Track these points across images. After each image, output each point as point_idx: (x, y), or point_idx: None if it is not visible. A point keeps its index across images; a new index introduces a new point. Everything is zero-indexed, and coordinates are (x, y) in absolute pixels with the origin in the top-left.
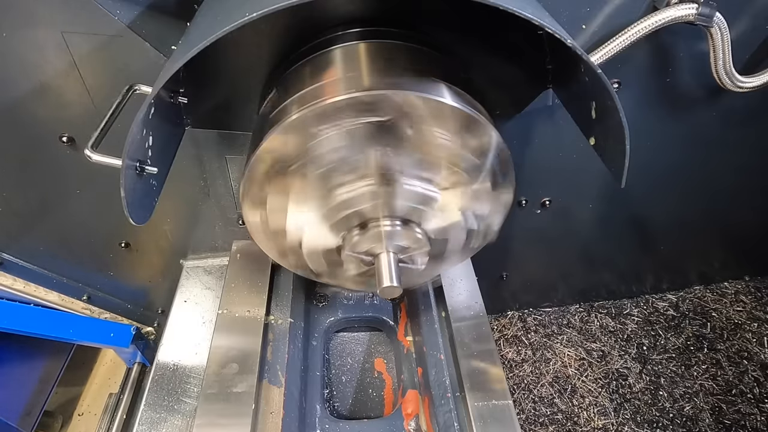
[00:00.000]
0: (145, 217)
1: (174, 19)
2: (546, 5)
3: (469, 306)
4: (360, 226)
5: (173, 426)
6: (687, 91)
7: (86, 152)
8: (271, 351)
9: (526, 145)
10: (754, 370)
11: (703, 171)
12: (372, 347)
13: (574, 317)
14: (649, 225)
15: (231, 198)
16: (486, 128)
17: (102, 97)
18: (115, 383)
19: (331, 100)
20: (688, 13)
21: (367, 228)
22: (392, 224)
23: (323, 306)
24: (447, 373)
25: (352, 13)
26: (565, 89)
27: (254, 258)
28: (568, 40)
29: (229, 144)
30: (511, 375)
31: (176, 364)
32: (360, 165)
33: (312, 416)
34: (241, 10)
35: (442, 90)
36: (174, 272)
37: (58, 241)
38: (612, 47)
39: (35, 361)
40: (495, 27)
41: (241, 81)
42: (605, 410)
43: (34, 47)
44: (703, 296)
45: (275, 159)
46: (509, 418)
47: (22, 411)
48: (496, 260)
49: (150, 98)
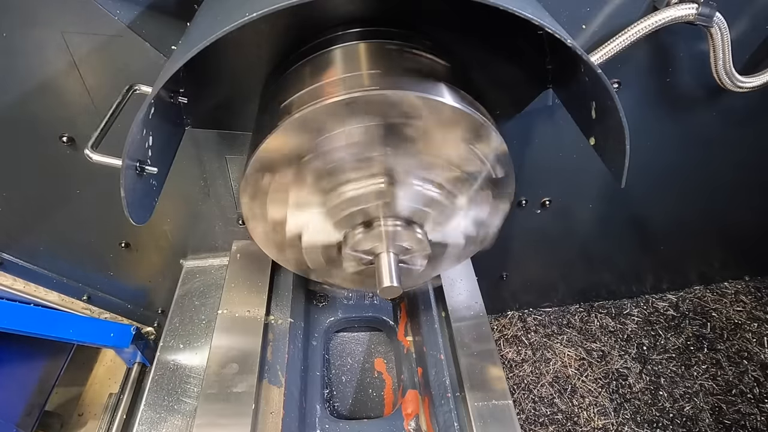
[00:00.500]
0: (145, 217)
1: (174, 19)
2: (546, 5)
3: (469, 306)
4: (363, 225)
5: (173, 426)
6: (687, 91)
7: (86, 152)
8: (271, 351)
9: (526, 145)
10: (754, 370)
11: (703, 171)
12: (372, 347)
13: (574, 317)
14: (649, 225)
15: (231, 198)
16: (486, 128)
17: (102, 97)
18: (115, 383)
19: (330, 101)
20: (688, 13)
21: (371, 227)
22: (394, 224)
23: (323, 306)
24: (447, 373)
25: (352, 13)
26: (565, 89)
27: (254, 258)
28: (568, 40)
29: (229, 144)
30: (511, 375)
31: (176, 364)
32: (360, 165)
33: (312, 416)
34: (241, 10)
35: (442, 90)
36: (174, 272)
37: (58, 241)
38: (612, 47)
39: (35, 361)
40: (495, 27)
41: (241, 81)
42: (605, 410)
43: (34, 47)
44: (703, 296)
45: (276, 158)
46: (509, 418)
47: (22, 411)
48: (496, 260)
49: (150, 98)
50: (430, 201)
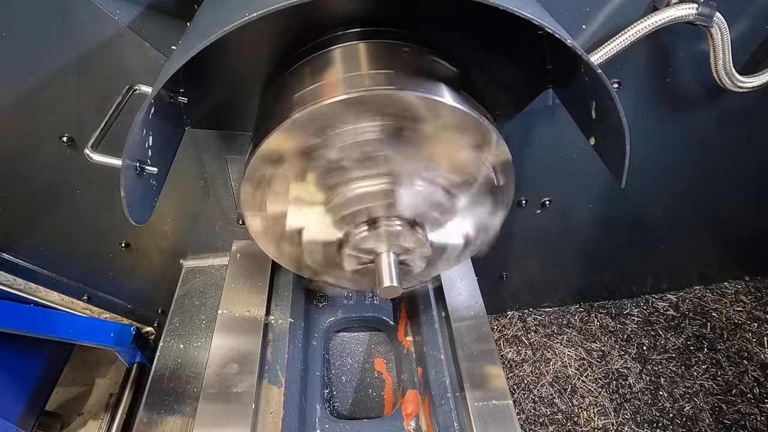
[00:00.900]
0: (145, 217)
1: (174, 19)
2: (546, 5)
3: (469, 306)
4: (364, 224)
5: (173, 426)
6: (687, 91)
7: (86, 152)
8: (271, 351)
9: (526, 145)
10: (754, 370)
11: (703, 171)
12: (372, 347)
13: (574, 317)
14: (649, 225)
15: (231, 198)
16: (486, 129)
17: (102, 97)
18: (115, 383)
19: (330, 100)
20: (688, 13)
21: (372, 227)
22: (395, 224)
23: (323, 306)
24: (447, 373)
25: (352, 13)
26: (565, 89)
27: (254, 258)
28: (568, 40)
29: (229, 144)
30: (511, 375)
31: (176, 364)
32: (363, 164)
33: (312, 416)
34: (241, 10)
35: (442, 90)
36: (174, 272)
37: (58, 241)
38: (612, 47)
39: (35, 361)
40: (495, 27)
41: (241, 81)
42: (605, 410)
43: (34, 47)
44: (703, 296)
45: (276, 158)
46: (509, 418)
47: (22, 411)
48: (496, 260)
49: (150, 98)
50: (432, 202)
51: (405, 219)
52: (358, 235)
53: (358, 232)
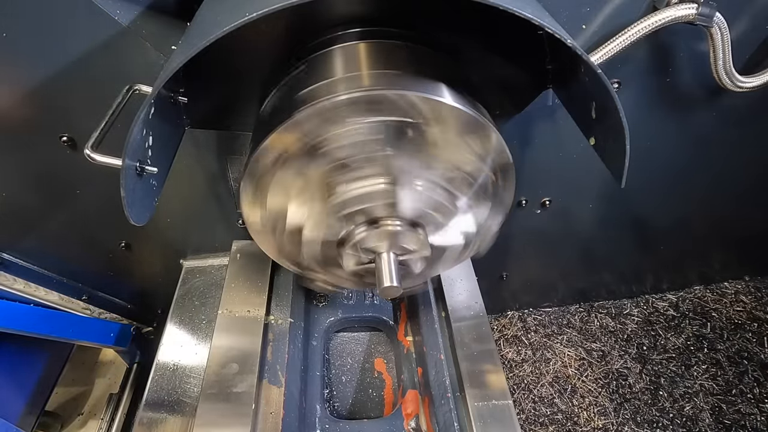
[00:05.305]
0: (145, 217)
1: (174, 19)
2: (546, 5)
3: (469, 306)
4: (365, 224)
5: (173, 426)
6: (687, 91)
7: (86, 152)
8: (271, 351)
9: (526, 145)
10: (754, 370)
11: (702, 171)
12: (372, 347)
13: (574, 317)
14: (649, 225)
15: (231, 198)
16: (486, 129)
17: (102, 97)
18: (115, 383)
19: (330, 101)
20: (688, 13)
21: (373, 226)
22: (396, 225)
23: (323, 306)
24: (447, 373)
25: (352, 13)
26: (565, 89)
27: (254, 258)
28: (568, 40)
29: (229, 144)
30: (511, 375)
31: (176, 364)
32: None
33: (312, 416)
34: (241, 10)
35: (442, 90)
36: (174, 272)
37: (58, 241)
38: (612, 47)
39: (35, 361)
40: (495, 27)
41: (241, 81)
42: (605, 410)
43: (34, 47)
44: (703, 296)
45: (276, 157)
46: (509, 418)
47: (22, 411)
48: (496, 260)
49: (150, 98)
50: (432, 202)
51: (405, 219)
52: (358, 235)
53: (359, 231)
